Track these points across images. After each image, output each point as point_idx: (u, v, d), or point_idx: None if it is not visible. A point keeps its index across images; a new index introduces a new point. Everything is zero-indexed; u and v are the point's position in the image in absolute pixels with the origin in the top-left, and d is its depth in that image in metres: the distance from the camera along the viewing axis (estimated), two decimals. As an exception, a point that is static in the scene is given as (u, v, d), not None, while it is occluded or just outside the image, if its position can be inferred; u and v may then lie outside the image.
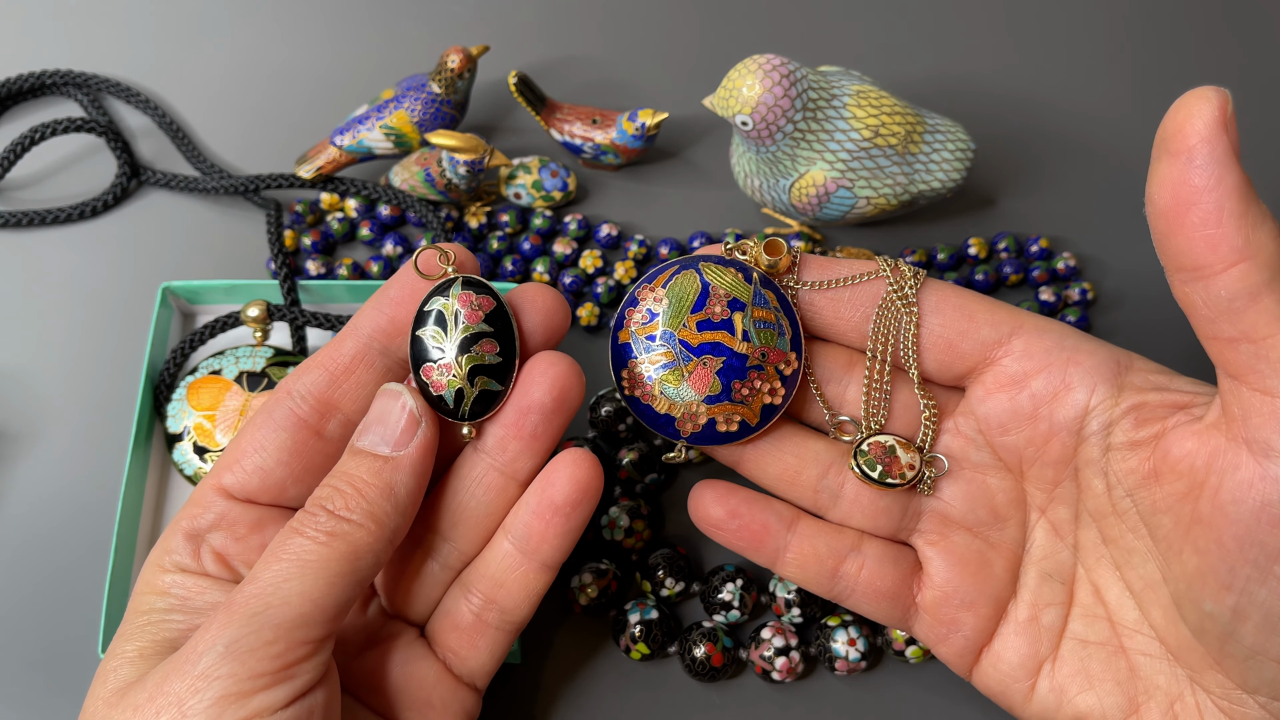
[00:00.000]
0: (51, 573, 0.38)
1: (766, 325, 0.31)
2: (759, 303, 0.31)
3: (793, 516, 0.32)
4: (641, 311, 0.31)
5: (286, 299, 0.40)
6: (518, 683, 0.37)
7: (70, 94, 0.48)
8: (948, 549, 0.31)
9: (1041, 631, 0.30)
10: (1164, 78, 0.49)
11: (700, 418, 0.30)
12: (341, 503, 0.27)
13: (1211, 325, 0.25)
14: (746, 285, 0.31)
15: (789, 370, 0.31)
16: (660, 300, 0.31)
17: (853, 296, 0.31)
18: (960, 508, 0.31)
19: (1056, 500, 0.30)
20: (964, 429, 0.31)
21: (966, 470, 0.31)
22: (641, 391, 0.31)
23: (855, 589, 0.31)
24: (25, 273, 0.44)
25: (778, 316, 0.31)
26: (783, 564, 0.32)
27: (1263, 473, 0.24)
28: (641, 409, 0.31)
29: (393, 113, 0.43)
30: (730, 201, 0.46)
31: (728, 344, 0.30)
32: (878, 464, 0.30)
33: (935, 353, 0.30)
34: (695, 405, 0.30)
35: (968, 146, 0.41)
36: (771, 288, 0.31)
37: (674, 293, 0.31)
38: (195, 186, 0.45)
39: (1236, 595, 0.25)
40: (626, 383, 0.31)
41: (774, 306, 0.31)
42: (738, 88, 0.38)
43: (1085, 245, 0.45)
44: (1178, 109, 0.24)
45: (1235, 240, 0.23)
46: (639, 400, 0.31)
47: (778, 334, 0.31)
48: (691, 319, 0.30)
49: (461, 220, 0.44)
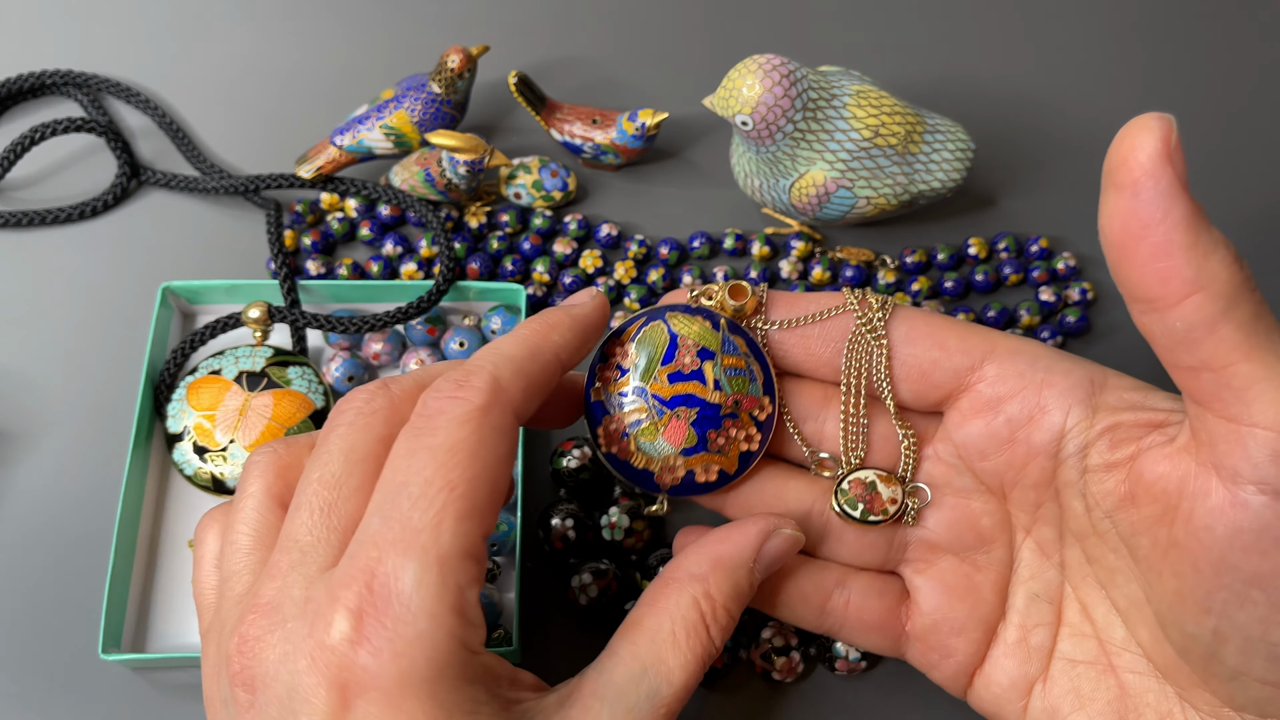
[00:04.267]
0: (51, 573, 0.38)
1: (737, 372, 0.31)
2: (728, 350, 0.31)
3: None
4: (612, 368, 0.31)
5: (287, 299, 0.40)
6: (518, 683, 0.37)
7: (70, 94, 0.48)
8: (935, 576, 0.31)
9: (1031, 652, 0.30)
10: (1164, 77, 0.49)
11: (679, 470, 0.30)
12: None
13: (1172, 354, 0.24)
14: (714, 333, 0.31)
15: (763, 415, 0.31)
16: (629, 355, 0.31)
17: (822, 333, 0.31)
18: (946, 535, 0.31)
19: (1040, 521, 0.30)
20: (944, 455, 0.31)
21: (950, 496, 0.31)
22: (618, 448, 0.31)
23: (844, 623, 0.31)
24: (25, 273, 0.44)
25: (748, 362, 0.31)
26: (770, 607, 0.31)
27: (1232, 499, 0.24)
28: (619, 465, 0.31)
29: (393, 113, 0.43)
30: (730, 201, 0.46)
31: (700, 394, 0.30)
32: (859, 502, 0.30)
33: (909, 383, 0.30)
34: (673, 458, 0.30)
35: (968, 146, 0.41)
36: (740, 333, 0.31)
37: (643, 346, 0.31)
38: (195, 186, 0.45)
39: (1215, 618, 0.25)
40: (603, 439, 0.31)
41: (743, 352, 0.31)
42: (738, 88, 0.38)
43: (1085, 245, 0.45)
44: (1121, 140, 0.23)
45: (1186, 273, 0.23)
46: (616, 457, 0.31)
47: (749, 380, 0.31)
48: (662, 371, 0.30)
49: (461, 220, 0.44)
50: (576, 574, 0.37)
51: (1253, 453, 0.23)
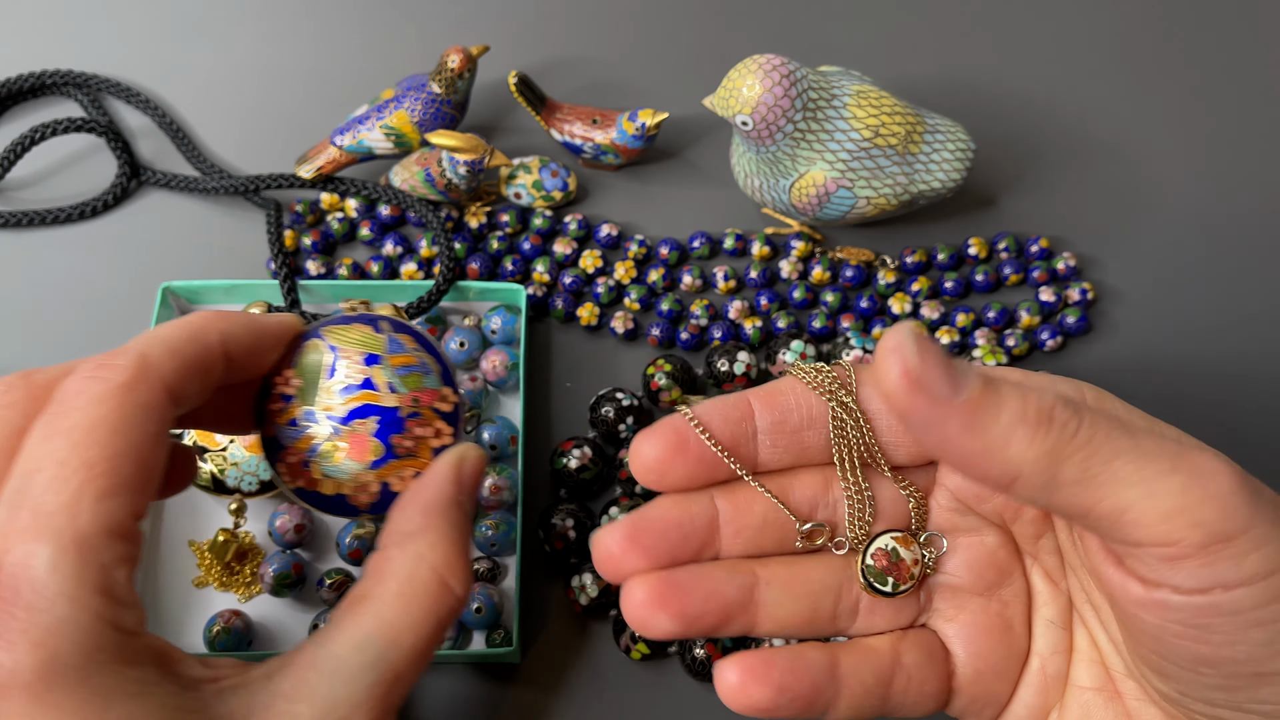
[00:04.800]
0: (51, 573, 0.38)
1: (409, 369, 0.30)
2: (394, 349, 0.30)
3: (830, 659, 0.28)
4: (276, 399, 0.29)
5: (287, 299, 0.40)
6: (518, 683, 0.37)
7: (70, 94, 0.48)
8: (968, 622, 0.30)
9: (1049, 681, 0.29)
10: (1164, 78, 0.49)
11: (373, 486, 0.29)
12: None
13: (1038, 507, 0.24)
14: (377, 335, 0.30)
15: (448, 407, 0.30)
16: (290, 382, 0.29)
17: (811, 439, 0.29)
18: (968, 576, 0.30)
19: (1043, 550, 0.29)
20: (946, 502, 0.30)
21: (962, 537, 0.30)
22: (305, 480, 0.29)
23: (906, 703, 0.29)
24: (25, 273, 0.44)
25: (419, 357, 0.30)
26: (835, 712, 0.28)
27: (1154, 599, 0.23)
28: (310, 497, 0.29)
29: (393, 113, 0.43)
30: (730, 201, 0.46)
31: (375, 401, 0.29)
32: (887, 575, 0.29)
33: (901, 448, 0.29)
34: (363, 475, 0.29)
35: (968, 146, 0.41)
36: (405, 330, 0.30)
37: (304, 370, 0.29)
38: (195, 186, 0.45)
39: (1174, 682, 0.25)
40: (286, 476, 0.29)
41: (412, 348, 0.30)
42: (738, 88, 0.38)
43: (1085, 245, 0.45)
44: (876, 372, 0.22)
45: (994, 472, 0.23)
46: (305, 490, 0.29)
47: (424, 374, 0.30)
48: (329, 388, 0.29)
49: (461, 220, 0.44)
50: (576, 574, 0.37)
51: (1149, 568, 0.23)
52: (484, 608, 0.36)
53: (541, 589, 0.38)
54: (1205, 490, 0.22)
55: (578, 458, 0.38)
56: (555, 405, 0.41)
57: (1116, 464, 0.22)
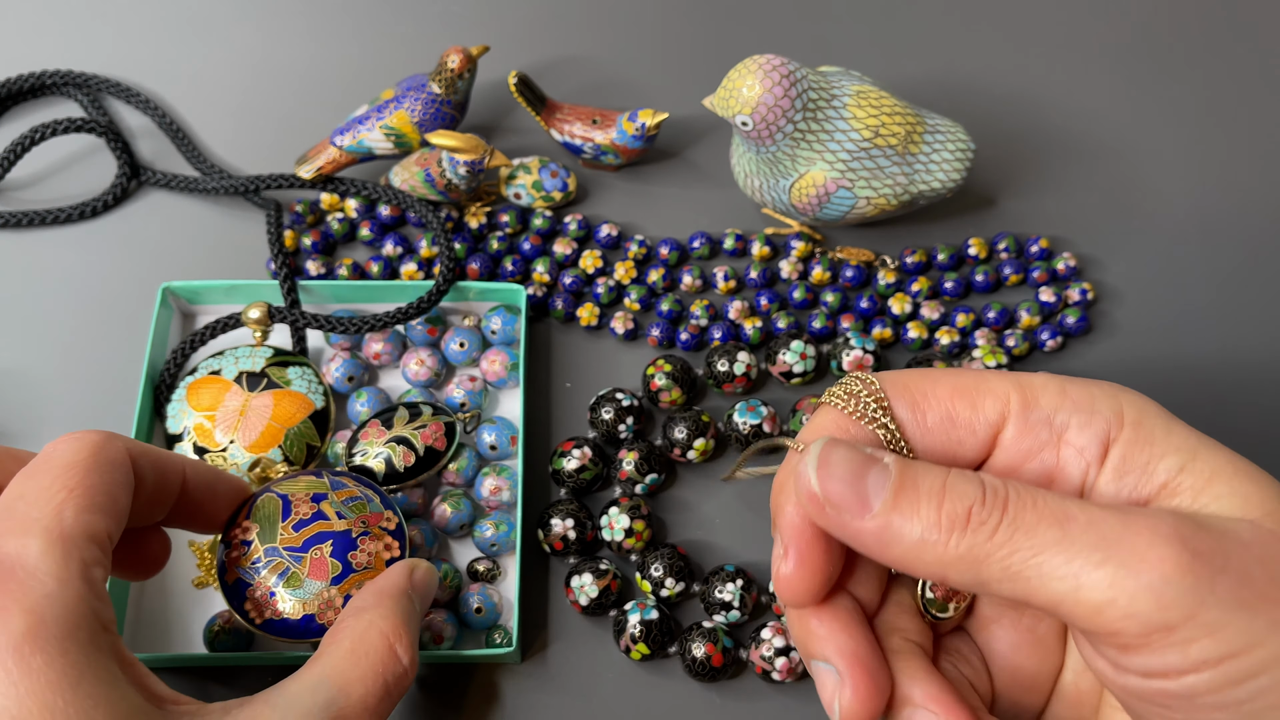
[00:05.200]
0: (52, 573, 0.38)
1: (353, 500, 0.34)
2: (338, 487, 0.34)
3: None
4: (237, 547, 0.33)
5: (287, 299, 0.40)
6: (518, 683, 0.37)
7: (70, 94, 0.48)
8: (999, 635, 0.29)
9: (1081, 696, 0.29)
10: (1164, 78, 0.49)
11: (336, 599, 0.32)
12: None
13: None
14: (320, 480, 0.34)
15: (393, 525, 0.34)
16: (249, 529, 0.33)
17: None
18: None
19: None
20: None
21: None
22: (271, 611, 0.32)
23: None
24: (25, 273, 0.44)
25: (360, 490, 0.34)
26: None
27: (1117, 681, 0.23)
28: (278, 626, 0.32)
29: (393, 113, 0.43)
30: (730, 201, 0.46)
31: (328, 528, 0.33)
32: (946, 603, 0.28)
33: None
34: (326, 592, 0.32)
35: (968, 146, 0.41)
36: (348, 475, 0.35)
37: (259, 516, 0.33)
38: (195, 186, 0.45)
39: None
40: (253, 612, 0.32)
41: (352, 484, 0.34)
42: (738, 88, 0.38)
43: (1085, 245, 0.45)
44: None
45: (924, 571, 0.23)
46: (273, 621, 0.32)
47: (366, 502, 0.34)
48: (285, 526, 0.33)
49: (461, 220, 0.44)
50: (576, 574, 0.37)
51: (1107, 652, 0.23)
52: (484, 608, 0.36)
53: (541, 589, 0.38)
54: (1137, 582, 0.21)
55: (577, 458, 0.38)
56: (555, 406, 0.41)
57: (1042, 559, 0.22)
